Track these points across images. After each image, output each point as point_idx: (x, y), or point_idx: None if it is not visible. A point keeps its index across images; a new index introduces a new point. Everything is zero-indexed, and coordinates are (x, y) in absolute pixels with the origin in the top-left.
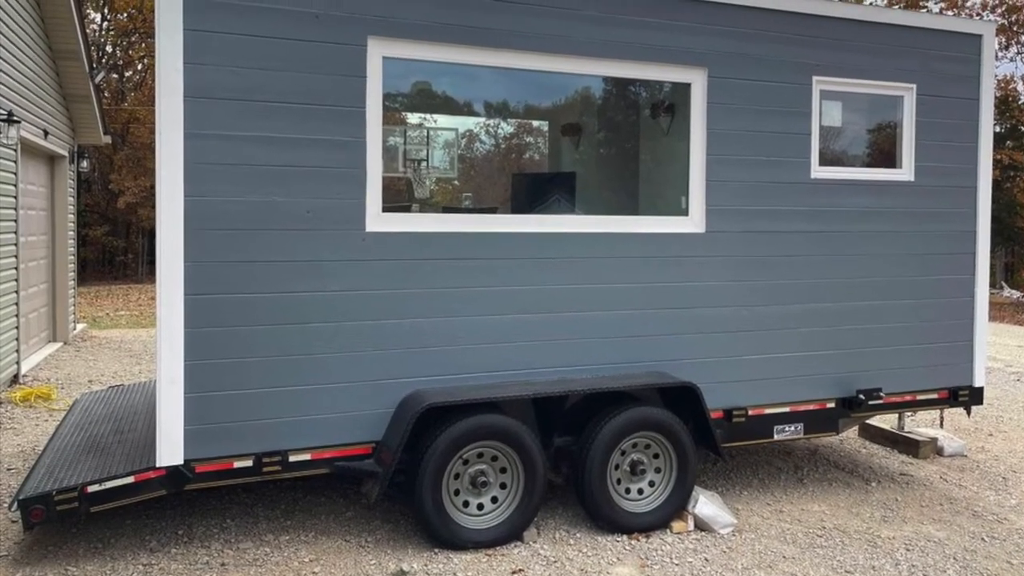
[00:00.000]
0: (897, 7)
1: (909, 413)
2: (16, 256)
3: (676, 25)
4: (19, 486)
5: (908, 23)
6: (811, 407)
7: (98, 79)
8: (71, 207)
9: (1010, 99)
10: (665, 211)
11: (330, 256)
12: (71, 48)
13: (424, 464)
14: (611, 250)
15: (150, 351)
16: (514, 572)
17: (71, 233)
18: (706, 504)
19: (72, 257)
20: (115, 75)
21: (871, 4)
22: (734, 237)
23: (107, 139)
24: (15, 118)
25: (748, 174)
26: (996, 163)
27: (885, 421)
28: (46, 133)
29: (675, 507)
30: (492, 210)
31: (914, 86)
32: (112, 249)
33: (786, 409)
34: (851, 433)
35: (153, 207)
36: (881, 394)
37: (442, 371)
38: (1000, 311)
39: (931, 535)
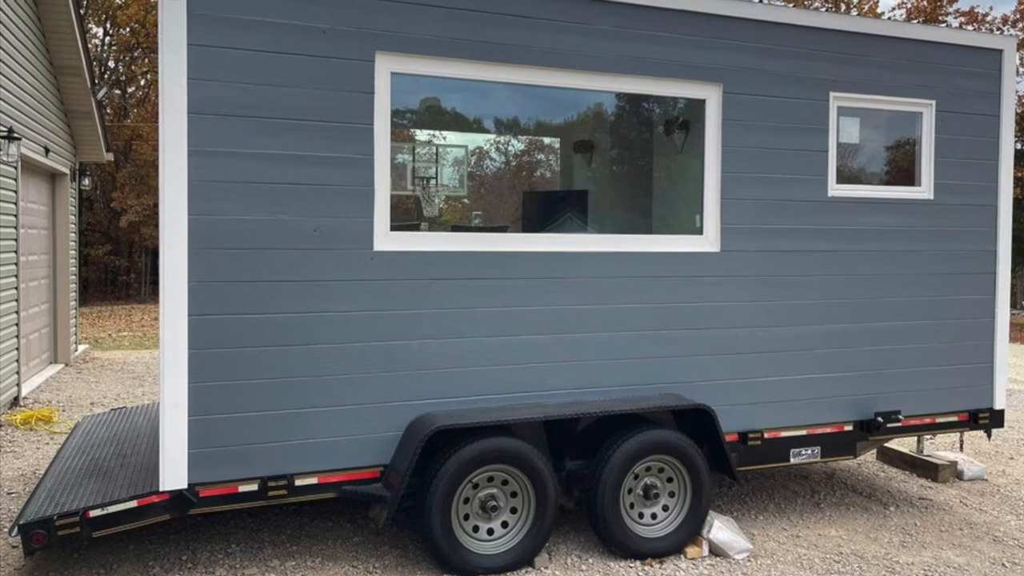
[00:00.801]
0: (916, 21)
1: (928, 436)
2: (16, 276)
3: (690, 40)
4: (20, 511)
5: (927, 38)
6: (828, 430)
7: (100, 95)
8: (73, 226)
9: None
10: (679, 230)
11: (337, 276)
12: (73, 63)
13: (433, 488)
14: (624, 270)
15: (153, 373)
16: None
17: (73, 252)
18: (721, 529)
19: (74, 277)
20: (118, 91)
21: (889, 18)
22: (749, 256)
23: (109, 156)
24: (15, 135)
25: (764, 192)
26: (1017, 181)
27: (904, 444)
28: (47, 150)
29: (689, 532)
30: (502, 229)
31: (933, 102)
32: (114, 269)
33: (803, 432)
34: (869, 456)
35: (156, 226)
36: (900, 417)
37: (451, 393)
38: (1021, 332)
39: (951, 561)
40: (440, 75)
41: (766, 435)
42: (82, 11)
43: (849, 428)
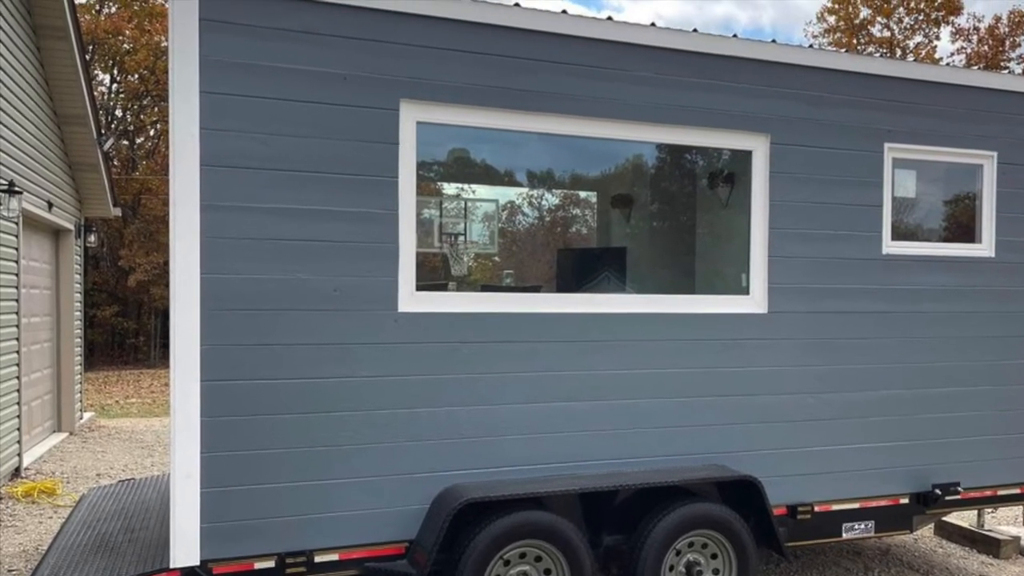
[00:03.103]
0: (976, 68)
1: (989, 509)
2: (17, 339)
3: (736, 88)
4: None
5: (988, 85)
6: (883, 503)
7: (107, 146)
8: (77, 285)
9: None
10: (724, 290)
11: (359, 339)
12: (78, 112)
13: (462, 565)
14: (665, 332)
15: (163, 442)
16: None
17: (77, 314)
18: None
19: (78, 340)
20: (125, 142)
21: (948, 65)
22: (799, 318)
23: (117, 211)
24: (16, 188)
25: (814, 249)
26: None
27: (963, 518)
28: (50, 205)
29: None
30: (535, 289)
31: (995, 154)
32: (122, 331)
33: (856, 505)
34: (926, 531)
35: (167, 285)
36: (959, 489)
37: (481, 464)
38: None
39: None
40: (469, 124)
41: (816, 508)
42: (88, 57)
43: (905, 501)
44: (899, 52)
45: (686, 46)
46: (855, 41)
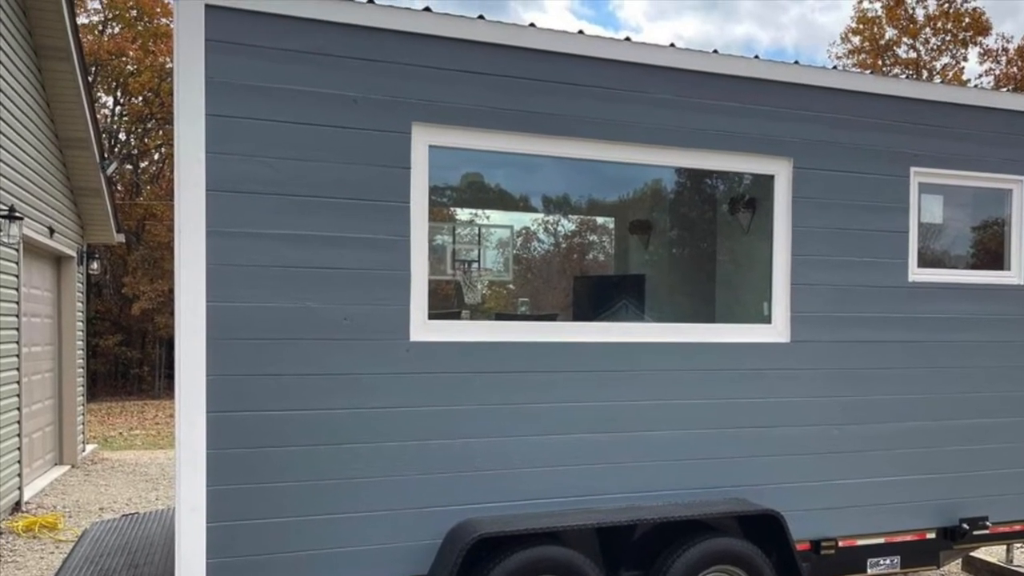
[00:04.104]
0: (1005, 90)
1: (1019, 544)
2: (18, 369)
3: (758, 110)
4: None
5: (1018, 107)
6: (909, 538)
7: (110, 170)
8: (80, 314)
9: None
10: (745, 318)
11: (370, 368)
12: (80, 136)
13: None
14: (685, 362)
15: (168, 475)
16: None
17: (80, 343)
18: None
19: (81, 370)
20: (129, 166)
21: (976, 87)
22: (822, 347)
23: (120, 238)
24: (17, 214)
25: (838, 277)
26: None
27: (991, 553)
28: (52, 231)
29: None
30: (551, 317)
31: None
32: (126, 361)
33: (881, 540)
34: (953, 567)
35: (171, 314)
36: (987, 523)
37: (495, 497)
38: None
39: None
40: (483, 148)
41: (841, 543)
42: (90, 78)
43: (932, 536)
44: (925, 73)
45: (707, 67)
46: (880, 62)
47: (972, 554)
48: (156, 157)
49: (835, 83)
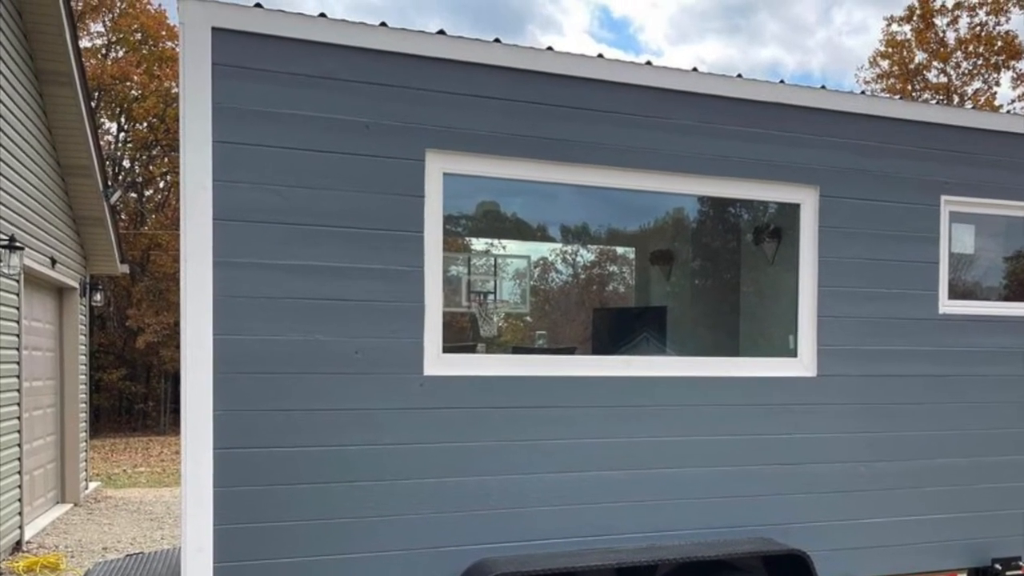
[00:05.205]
0: None
1: None
2: (19, 404)
3: (783, 137)
4: None
5: None
6: None
7: (114, 199)
8: (82, 347)
9: None
10: (770, 352)
11: (382, 404)
12: (82, 163)
13: None
14: (708, 397)
15: (174, 514)
16: None
17: (82, 377)
18: None
19: (84, 405)
20: (133, 194)
21: (1009, 112)
22: (850, 382)
23: (124, 268)
24: (17, 244)
25: (866, 309)
26: None
27: None
28: (53, 262)
29: None
30: (570, 350)
31: None
32: (130, 395)
33: None
34: None
35: (177, 347)
36: (1020, 564)
37: (512, 537)
38: None
39: None
40: (499, 176)
41: None
42: (93, 104)
43: None
44: (957, 98)
45: (730, 92)
46: (910, 87)
47: None
48: (161, 185)
49: (863, 108)
